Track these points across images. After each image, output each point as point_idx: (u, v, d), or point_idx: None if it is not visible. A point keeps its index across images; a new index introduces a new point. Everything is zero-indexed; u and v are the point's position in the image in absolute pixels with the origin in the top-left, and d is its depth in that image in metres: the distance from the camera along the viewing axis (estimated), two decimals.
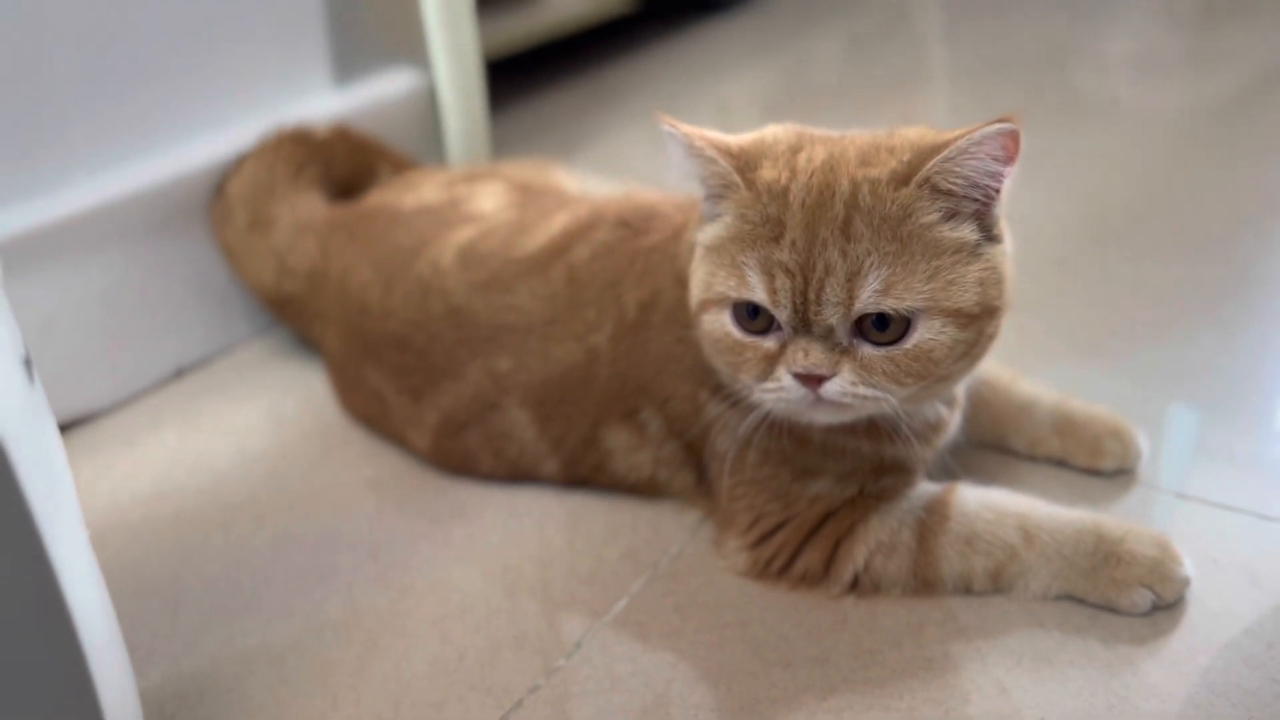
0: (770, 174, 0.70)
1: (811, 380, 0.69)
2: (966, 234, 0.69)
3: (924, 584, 0.76)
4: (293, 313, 1.14)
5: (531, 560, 0.85)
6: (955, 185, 0.68)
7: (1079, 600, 0.74)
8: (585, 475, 0.91)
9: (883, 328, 0.68)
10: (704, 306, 0.74)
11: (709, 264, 0.73)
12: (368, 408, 1.02)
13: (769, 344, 0.71)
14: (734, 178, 0.71)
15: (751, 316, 0.71)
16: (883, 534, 0.77)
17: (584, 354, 0.87)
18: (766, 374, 0.71)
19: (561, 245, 0.90)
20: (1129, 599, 0.73)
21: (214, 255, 1.18)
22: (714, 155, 0.71)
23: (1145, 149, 1.49)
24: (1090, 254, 1.22)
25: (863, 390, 0.69)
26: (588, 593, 0.81)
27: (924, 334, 0.68)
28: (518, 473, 0.93)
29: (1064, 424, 0.88)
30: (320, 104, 1.27)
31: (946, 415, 0.80)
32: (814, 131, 0.76)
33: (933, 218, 0.68)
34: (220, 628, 0.81)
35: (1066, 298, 1.13)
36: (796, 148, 0.72)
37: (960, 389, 0.82)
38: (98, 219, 1.08)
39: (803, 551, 0.78)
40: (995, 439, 0.91)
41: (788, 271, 0.68)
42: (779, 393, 0.71)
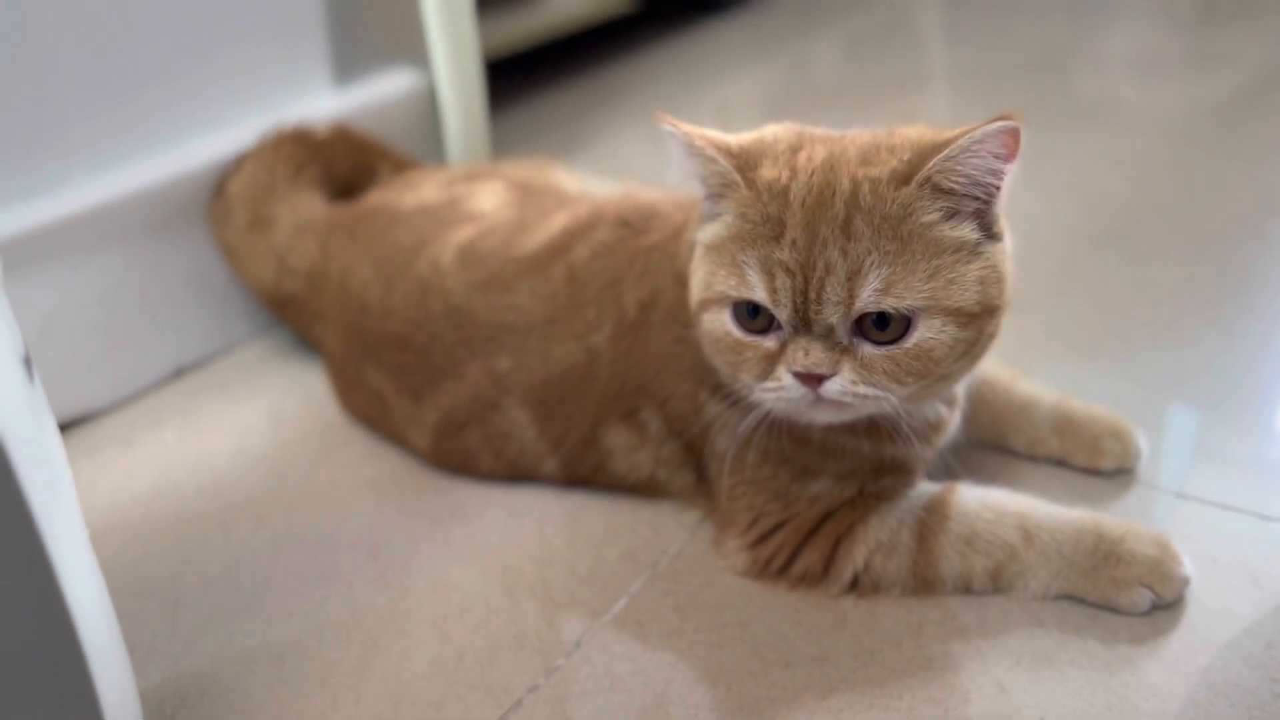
0: (770, 173, 0.70)
1: (812, 379, 0.69)
2: (967, 233, 0.69)
3: (924, 584, 0.76)
4: (293, 313, 1.14)
5: (531, 560, 0.85)
6: (956, 184, 0.68)
7: (1079, 600, 0.74)
8: (585, 475, 0.91)
9: (883, 327, 0.68)
10: (704, 306, 0.74)
11: (709, 263, 0.73)
12: (368, 407, 1.02)
13: (769, 343, 0.71)
14: (734, 177, 0.71)
15: (751, 316, 0.71)
16: (882, 534, 0.77)
17: (584, 353, 0.87)
18: (766, 373, 0.71)
19: (561, 244, 0.90)
20: (1129, 598, 0.73)
21: (214, 255, 1.18)
22: (714, 154, 0.71)
23: (1145, 149, 1.49)
24: (1090, 254, 1.22)
25: (863, 389, 0.69)
26: (587, 592, 0.81)
27: (924, 333, 0.68)
28: (517, 472, 0.93)
29: (1064, 424, 0.88)
30: (320, 104, 1.27)
31: (946, 415, 0.80)
32: (814, 131, 0.76)
33: (933, 217, 0.68)
34: (220, 628, 0.81)
35: (1066, 298, 1.13)
36: (797, 147, 0.72)
37: (960, 389, 0.82)
38: (98, 219, 1.08)
39: (802, 551, 0.78)
40: (995, 439, 0.91)
41: (788, 270, 0.68)
42: (779, 392, 0.70)
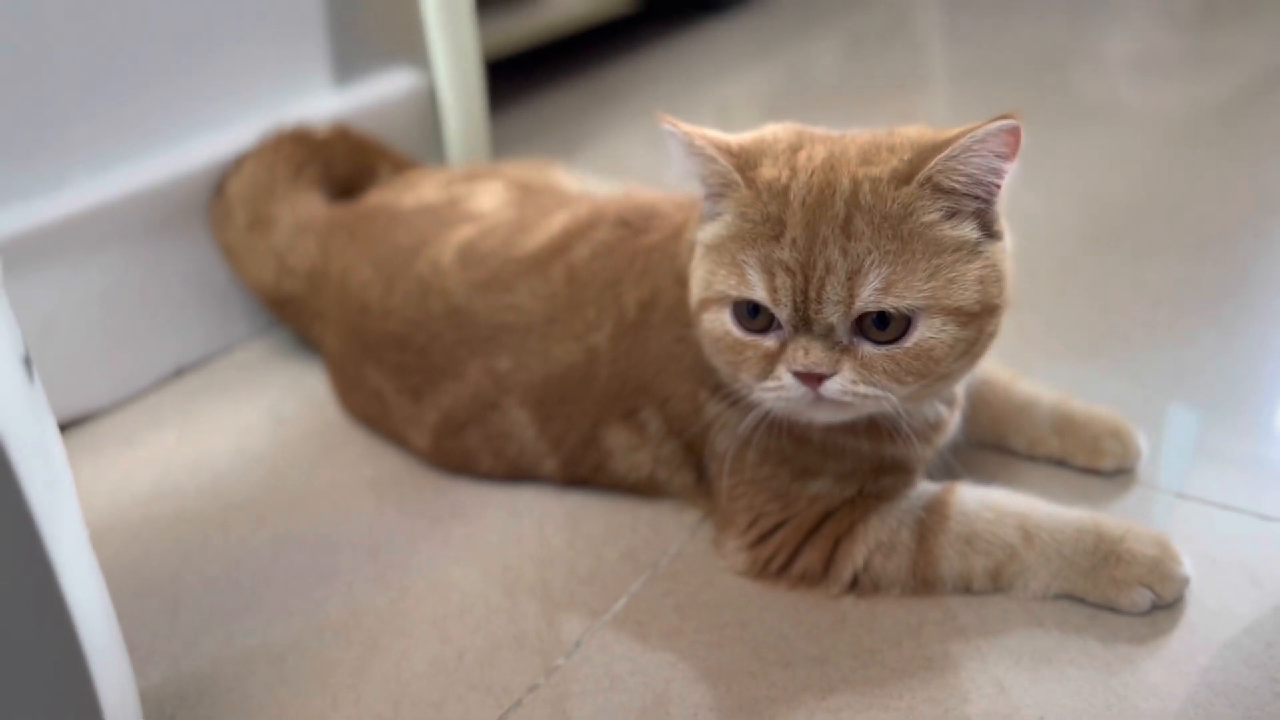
0: (770, 172, 0.70)
1: (812, 379, 0.69)
2: (967, 232, 0.69)
3: (923, 583, 0.76)
4: (292, 312, 1.14)
5: (531, 560, 0.85)
6: (958, 183, 0.68)
7: (1078, 599, 0.74)
8: (585, 475, 0.91)
9: (883, 326, 0.68)
10: (704, 305, 0.74)
11: (709, 262, 0.73)
12: (368, 407, 1.02)
13: (769, 343, 0.71)
14: (734, 176, 0.71)
15: (751, 315, 0.71)
16: (882, 533, 0.77)
17: (584, 353, 0.87)
18: (766, 373, 0.71)
19: (561, 244, 0.90)
20: (1128, 598, 0.73)
21: (214, 255, 1.18)
22: (714, 154, 0.71)
23: (1145, 149, 1.49)
24: (1090, 254, 1.22)
25: (863, 389, 0.69)
26: (587, 592, 0.81)
27: (924, 332, 0.68)
28: (517, 472, 0.93)
29: (1063, 423, 0.88)
30: (320, 104, 1.27)
31: (946, 415, 0.80)
32: (814, 130, 0.76)
33: (934, 216, 0.68)
34: (220, 628, 0.81)
35: (1066, 298, 1.13)
36: (796, 146, 0.72)
37: (960, 388, 0.82)
38: (98, 219, 1.08)
39: (802, 551, 0.78)
40: (995, 439, 0.91)
41: (788, 270, 0.68)
42: (779, 391, 0.70)
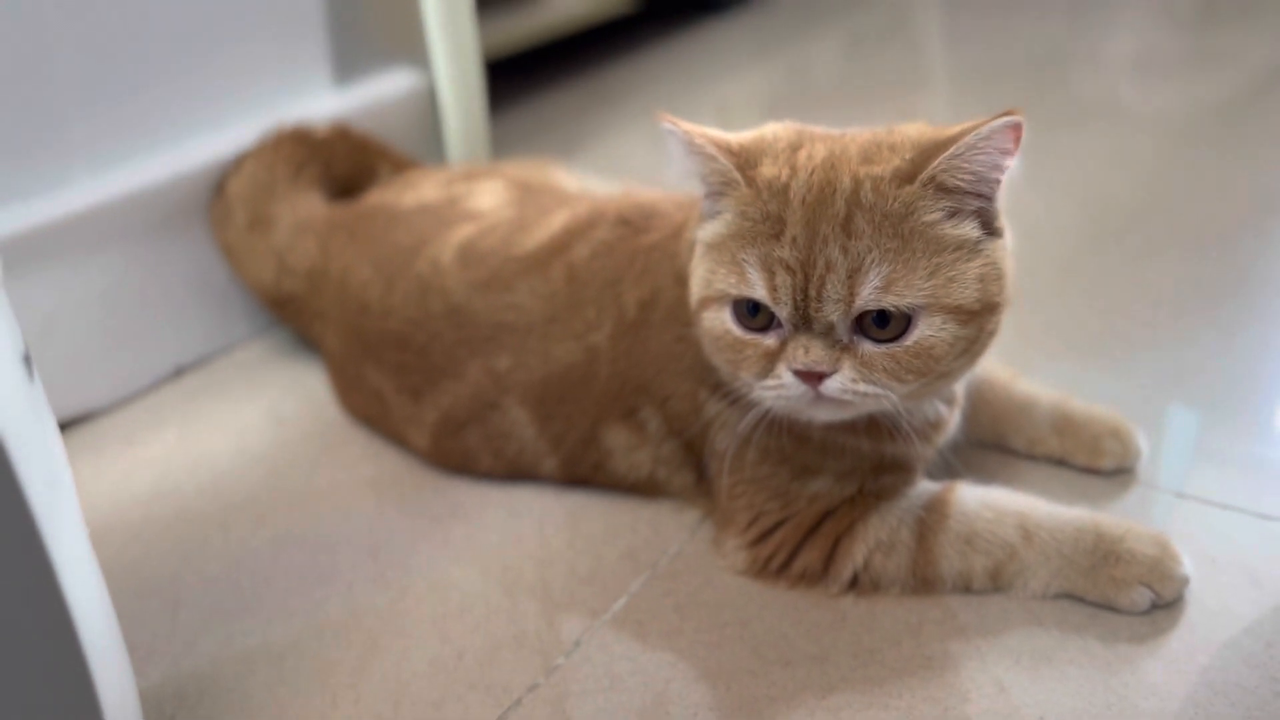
0: (770, 171, 0.70)
1: (812, 377, 0.69)
2: (968, 230, 0.69)
3: (923, 582, 0.76)
4: (292, 312, 1.14)
5: (531, 559, 0.85)
6: (962, 181, 0.68)
7: (1078, 599, 0.74)
8: (584, 474, 0.91)
9: (883, 325, 0.68)
10: (704, 304, 0.74)
11: (709, 261, 0.73)
12: (367, 407, 1.02)
13: (769, 341, 0.71)
14: (734, 175, 0.71)
15: (752, 314, 0.71)
16: (882, 532, 0.77)
17: (584, 353, 0.87)
18: (767, 371, 0.71)
19: (561, 243, 0.90)
20: (1128, 597, 0.73)
21: (214, 255, 1.18)
22: (714, 152, 0.71)
23: (1145, 149, 1.49)
24: (1090, 254, 1.22)
25: (863, 387, 0.69)
26: (587, 592, 0.81)
27: (924, 331, 0.68)
28: (517, 472, 0.93)
29: (1063, 423, 0.88)
30: (320, 104, 1.27)
31: (946, 413, 0.80)
32: (813, 129, 0.76)
33: (936, 215, 0.68)
34: (220, 627, 0.81)
35: (1066, 298, 1.13)
36: (796, 145, 0.72)
37: (960, 387, 0.82)
38: (98, 218, 1.08)
39: (802, 550, 0.78)
40: (995, 438, 0.91)
41: (788, 268, 0.68)
42: (779, 390, 0.70)
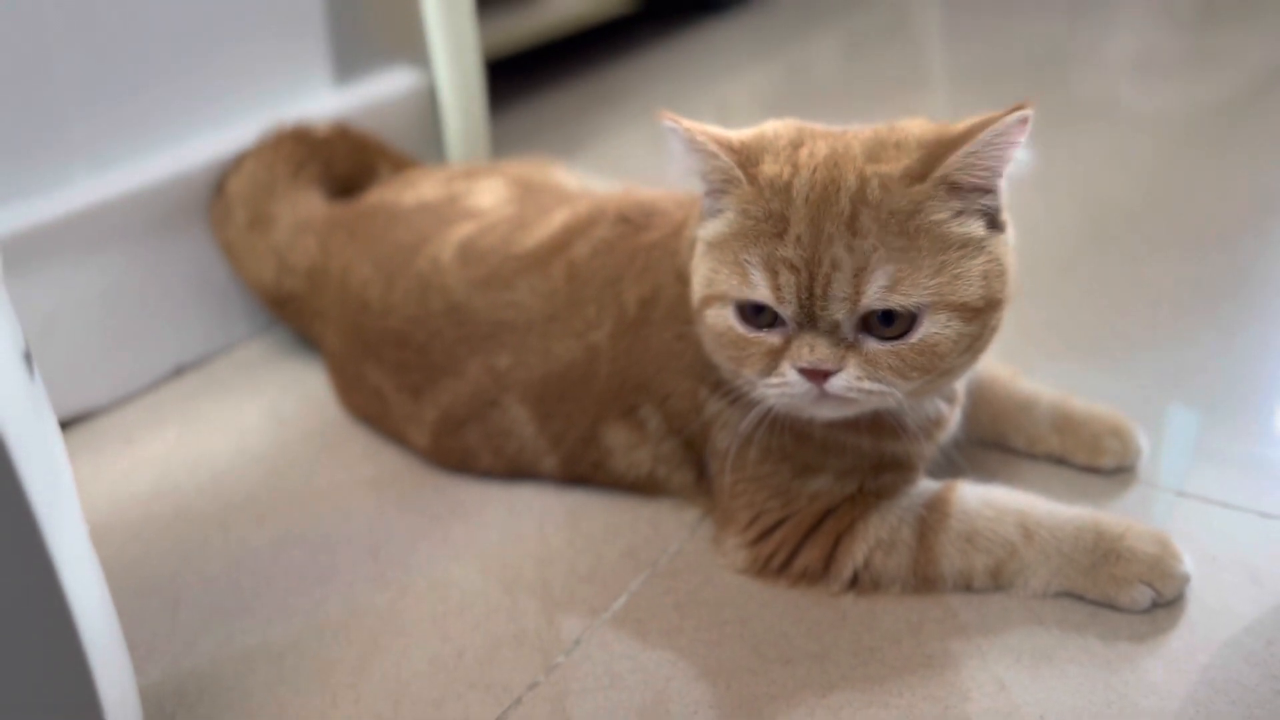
0: (772, 169, 0.70)
1: (817, 375, 0.69)
2: (974, 228, 0.69)
3: (924, 581, 0.76)
4: (292, 311, 1.14)
5: (531, 558, 0.85)
6: (977, 179, 0.67)
7: (1079, 597, 0.74)
8: (584, 473, 0.91)
9: (889, 323, 0.68)
10: (707, 302, 0.74)
11: (711, 260, 0.73)
12: (367, 406, 1.02)
13: (773, 339, 0.71)
14: (736, 173, 0.71)
15: (755, 312, 0.71)
16: (883, 531, 0.77)
17: (584, 351, 0.87)
18: (770, 369, 0.71)
19: (561, 241, 0.90)
20: (1129, 596, 0.73)
21: (214, 254, 1.18)
22: (716, 150, 0.71)
23: (1145, 149, 1.49)
24: (1090, 254, 1.22)
25: (868, 385, 0.68)
26: (587, 590, 0.81)
27: (930, 328, 0.68)
28: (517, 470, 0.93)
29: (1064, 422, 0.88)
30: (320, 103, 1.27)
31: (947, 411, 0.80)
32: (814, 126, 0.75)
33: (944, 214, 0.68)
34: (220, 626, 0.81)
35: (1067, 297, 1.13)
36: (797, 142, 0.72)
37: (960, 385, 0.82)
38: (98, 217, 1.08)
39: (802, 548, 0.78)
40: (995, 437, 0.90)
41: (792, 267, 0.68)
42: (783, 388, 0.70)
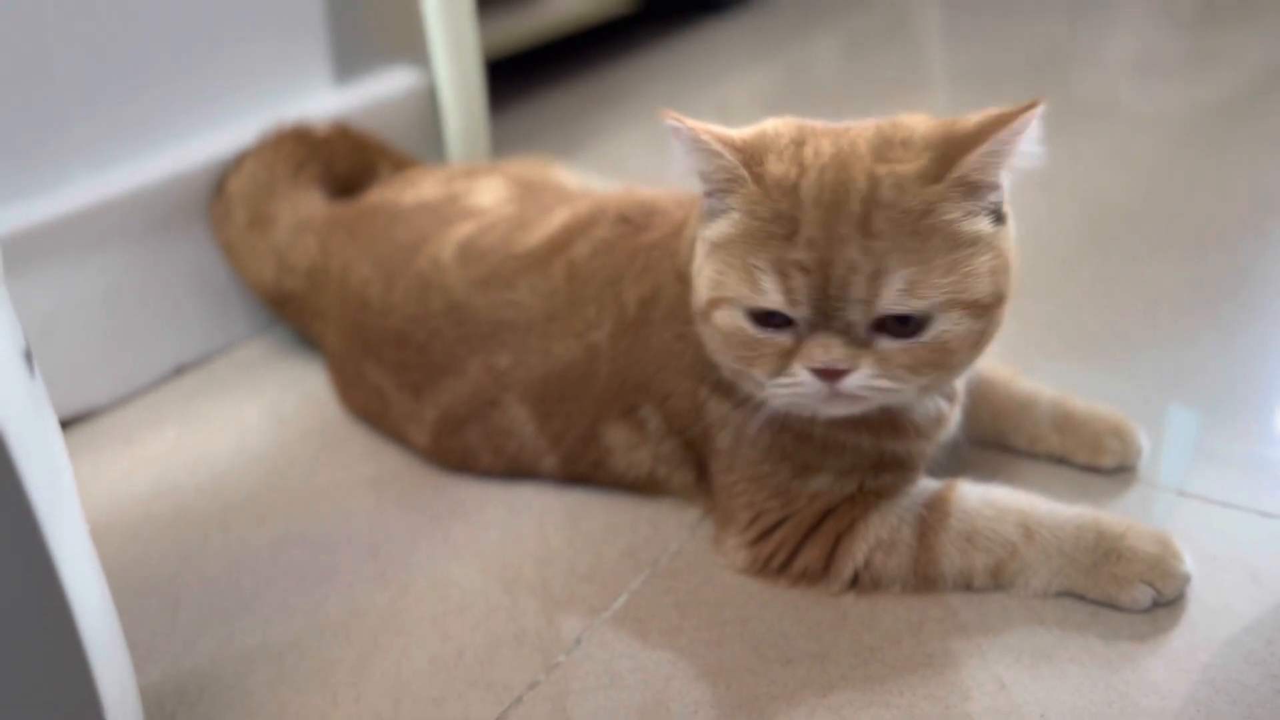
0: (778, 169, 0.70)
1: (830, 375, 0.68)
2: (982, 225, 0.69)
3: (924, 581, 0.76)
4: (293, 311, 1.14)
5: (531, 557, 0.85)
6: (992, 178, 0.68)
7: (1079, 597, 0.74)
8: (584, 472, 0.91)
9: (903, 321, 0.68)
10: (714, 304, 0.73)
11: (717, 262, 0.72)
12: (368, 405, 1.02)
13: (784, 339, 0.70)
14: (740, 172, 0.70)
15: (766, 314, 0.70)
16: (883, 531, 0.77)
17: (584, 351, 0.87)
18: (780, 369, 0.70)
19: (562, 241, 0.90)
20: (1129, 595, 0.73)
21: (214, 253, 1.18)
22: (719, 149, 0.70)
23: (1145, 149, 1.49)
24: (1090, 254, 1.22)
25: (881, 383, 0.68)
26: (587, 590, 0.81)
27: (942, 326, 0.68)
28: (517, 469, 0.93)
29: (1064, 421, 0.88)
30: (320, 102, 1.27)
31: (947, 410, 0.80)
32: (814, 124, 0.75)
33: (956, 214, 0.67)
34: (220, 626, 0.81)
35: (1067, 297, 1.13)
36: (800, 141, 0.71)
37: (960, 383, 0.81)
38: (98, 217, 1.08)
39: (803, 548, 0.78)
40: (995, 436, 0.90)
41: (804, 269, 0.67)
42: (795, 388, 0.70)
